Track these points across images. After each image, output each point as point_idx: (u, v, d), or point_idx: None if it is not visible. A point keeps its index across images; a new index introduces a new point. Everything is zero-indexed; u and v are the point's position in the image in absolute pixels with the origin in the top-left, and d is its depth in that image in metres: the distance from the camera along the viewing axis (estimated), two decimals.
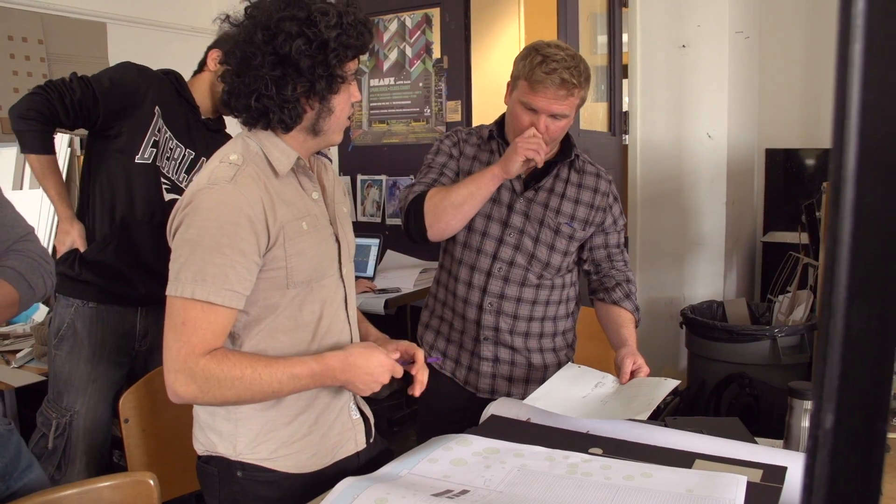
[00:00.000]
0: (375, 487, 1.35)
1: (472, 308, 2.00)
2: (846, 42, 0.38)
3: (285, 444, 1.48)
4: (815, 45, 4.06)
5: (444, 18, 4.01)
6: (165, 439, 1.79)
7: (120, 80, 2.26)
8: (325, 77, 1.39)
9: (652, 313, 4.00)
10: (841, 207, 0.40)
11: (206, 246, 1.31)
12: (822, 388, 0.42)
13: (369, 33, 1.44)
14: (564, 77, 1.83)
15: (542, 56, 1.85)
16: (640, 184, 3.97)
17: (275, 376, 1.34)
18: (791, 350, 3.16)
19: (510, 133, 1.98)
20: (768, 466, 1.45)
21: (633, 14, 3.87)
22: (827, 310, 0.41)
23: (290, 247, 1.41)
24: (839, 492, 0.43)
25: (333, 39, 1.36)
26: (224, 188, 1.34)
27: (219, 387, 1.31)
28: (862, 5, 0.38)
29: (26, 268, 1.53)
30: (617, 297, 2.04)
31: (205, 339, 1.31)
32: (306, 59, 1.35)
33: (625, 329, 1.98)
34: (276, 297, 1.42)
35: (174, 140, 2.33)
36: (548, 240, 1.98)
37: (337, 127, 1.48)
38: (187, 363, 1.30)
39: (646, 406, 1.67)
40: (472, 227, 1.99)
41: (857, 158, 0.40)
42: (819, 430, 0.42)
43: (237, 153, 1.42)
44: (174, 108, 2.34)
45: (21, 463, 1.55)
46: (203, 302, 1.31)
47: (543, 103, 1.86)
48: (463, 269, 2.01)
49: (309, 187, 1.51)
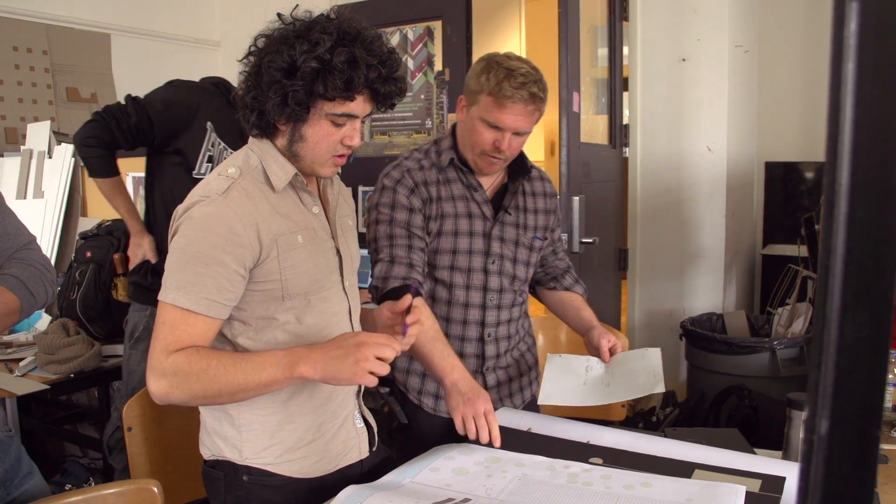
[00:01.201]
0: (378, 496, 1.36)
1: (472, 343, 1.94)
2: (839, 61, 0.40)
3: (290, 449, 1.50)
4: (815, 58, 4.09)
5: (445, 31, 4.04)
6: (169, 447, 1.80)
7: (173, 102, 2.33)
8: (281, 102, 1.37)
9: (651, 325, 4.01)
10: (835, 220, 0.42)
11: (190, 255, 1.34)
12: (816, 395, 0.43)
13: (364, 82, 1.37)
14: (533, 91, 1.73)
15: (506, 70, 1.73)
16: (640, 196, 3.99)
17: (239, 366, 1.31)
18: (790, 362, 3.17)
19: (467, 150, 1.86)
20: (767, 477, 1.46)
21: (634, 27, 3.90)
22: (821, 319, 0.43)
23: (284, 259, 1.42)
24: (834, 496, 0.44)
25: (305, 70, 1.33)
26: (214, 201, 1.36)
27: (186, 380, 1.31)
28: (854, 27, 0.40)
29: (28, 276, 1.55)
30: (568, 283, 2.10)
31: (179, 339, 1.33)
32: (269, 75, 1.36)
33: (584, 311, 2.03)
34: (273, 308, 1.44)
35: (229, 150, 2.37)
36: (524, 257, 1.98)
37: (315, 157, 1.45)
38: (159, 360, 1.32)
39: (654, 381, 1.74)
40: (456, 266, 1.89)
41: (850, 173, 0.41)
42: (814, 436, 0.44)
43: (236, 166, 1.44)
44: (226, 118, 2.37)
45: (21, 469, 1.56)
46: (183, 309, 1.33)
47: (510, 120, 1.75)
48: (455, 310, 1.91)
49: (309, 202, 1.51)
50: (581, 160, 3.27)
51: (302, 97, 1.36)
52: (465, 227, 1.88)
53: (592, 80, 4.16)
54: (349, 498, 1.36)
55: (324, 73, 1.34)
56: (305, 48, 1.33)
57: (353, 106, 1.40)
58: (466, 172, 1.88)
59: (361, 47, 1.36)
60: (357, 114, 1.42)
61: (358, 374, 1.30)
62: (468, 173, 1.88)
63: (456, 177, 1.89)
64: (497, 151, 1.79)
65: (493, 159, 1.82)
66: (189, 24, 4.42)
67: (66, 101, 3.92)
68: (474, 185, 1.89)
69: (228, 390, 1.32)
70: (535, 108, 1.76)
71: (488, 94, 1.75)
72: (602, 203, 3.69)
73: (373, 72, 1.37)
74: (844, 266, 0.42)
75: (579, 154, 3.21)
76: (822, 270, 0.43)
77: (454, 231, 1.87)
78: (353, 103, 1.40)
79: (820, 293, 0.43)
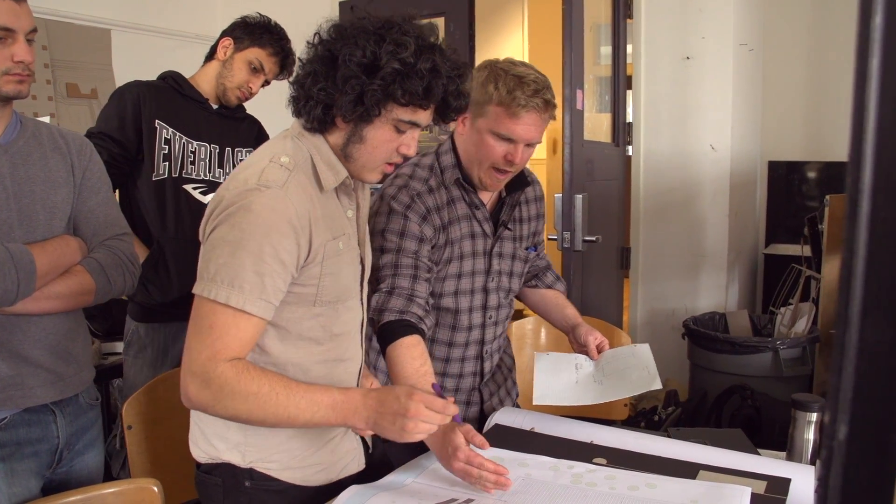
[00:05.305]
0: (381, 496, 1.35)
1: (471, 362, 1.89)
2: (865, 56, 0.39)
3: (296, 457, 1.44)
4: (819, 58, 4.08)
5: (448, 28, 4.02)
6: (168, 446, 1.78)
7: (122, 111, 2.25)
8: (356, 100, 1.30)
9: (654, 324, 4.00)
10: (857, 221, 0.40)
11: (248, 251, 1.25)
12: (836, 400, 0.42)
13: (442, 92, 1.33)
14: (547, 98, 1.65)
15: (515, 77, 1.63)
16: (643, 195, 3.97)
17: (292, 399, 1.25)
18: (793, 362, 3.16)
19: (472, 166, 1.74)
20: (772, 478, 1.45)
21: (638, 25, 3.88)
22: (842, 322, 0.42)
23: (327, 266, 1.36)
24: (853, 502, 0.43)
25: (387, 70, 1.27)
26: (276, 194, 1.27)
27: (232, 398, 1.23)
28: (880, 20, 0.38)
29: (110, 263, 1.61)
30: (550, 280, 2.07)
31: (229, 347, 1.25)
32: (347, 69, 1.28)
33: (568, 309, 2.00)
34: (300, 312, 1.37)
35: (193, 142, 2.31)
36: (519, 270, 1.94)
37: (369, 161, 1.38)
38: (206, 367, 1.23)
39: (649, 378, 1.73)
40: (461, 290, 1.81)
41: (874, 172, 0.40)
42: (833, 442, 0.43)
43: (289, 156, 1.35)
44: (180, 110, 2.32)
45: (80, 442, 1.66)
46: (235, 309, 1.24)
47: (524, 130, 1.65)
48: (459, 334, 1.85)
49: (346, 204, 1.45)
50: (584, 158, 3.25)
51: (379, 96, 1.29)
52: (469, 249, 1.80)
53: (596, 77, 4.15)
54: (352, 498, 1.35)
55: (406, 77, 1.28)
56: (391, 48, 1.27)
57: (422, 115, 1.35)
58: (470, 191, 1.78)
59: (442, 57, 1.31)
60: (422, 123, 1.37)
61: (404, 437, 1.26)
62: (472, 192, 1.79)
63: (459, 195, 1.79)
64: (508, 165, 1.69)
65: (501, 175, 1.73)
66: (190, 20, 4.40)
67: (66, 96, 3.90)
68: (476, 203, 1.80)
69: (274, 420, 1.27)
70: (548, 116, 1.68)
71: (498, 105, 1.64)
72: (605, 201, 3.68)
73: (452, 84, 1.33)
74: (866, 268, 0.41)
75: (582, 152, 3.20)
76: (843, 272, 0.42)
77: (460, 255, 1.79)
78: (423, 112, 1.35)
79: (841, 296, 0.42)
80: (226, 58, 2.32)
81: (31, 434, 1.56)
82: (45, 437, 1.59)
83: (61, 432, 1.61)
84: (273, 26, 2.35)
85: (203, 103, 2.36)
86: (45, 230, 1.54)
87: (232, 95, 2.34)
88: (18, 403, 1.53)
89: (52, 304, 1.51)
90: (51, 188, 1.56)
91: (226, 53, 2.33)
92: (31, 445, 1.56)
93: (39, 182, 1.54)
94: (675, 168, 3.86)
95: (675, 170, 3.86)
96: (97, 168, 1.67)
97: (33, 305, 1.48)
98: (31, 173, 1.53)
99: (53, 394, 1.58)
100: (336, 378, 1.46)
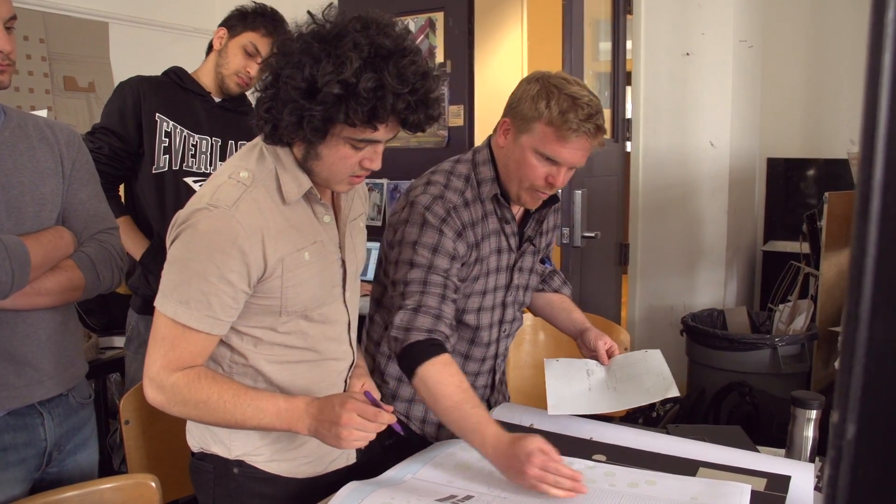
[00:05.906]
0: (380, 492, 1.35)
1: (484, 376, 1.87)
2: (877, 50, 0.38)
3: (280, 450, 1.47)
4: (819, 55, 4.07)
5: (447, 23, 4.00)
6: (166, 441, 1.78)
7: (122, 105, 2.26)
8: (297, 124, 1.26)
9: (652, 321, 4.00)
10: (868, 218, 0.40)
11: (193, 270, 1.28)
12: (845, 399, 0.42)
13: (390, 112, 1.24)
14: (599, 123, 1.56)
15: (569, 98, 1.54)
16: (641, 191, 3.97)
17: (239, 407, 1.31)
18: (791, 359, 3.16)
19: (511, 182, 1.67)
20: (772, 475, 1.45)
21: (638, 21, 3.87)
22: (852, 320, 0.41)
23: (289, 278, 1.36)
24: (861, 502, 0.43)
25: (325, 94, 1.21)
26: (223, 214, 1.27)
27: (184, 405, 1.32)
28: (894, 14, 0.38)
29: (100, 258, 1.58)
30: (556, 284, 2.05)
31: (180, 358, 1.31)
32: (285, 93, 1.25)
33: (575, 313, 1.98)
34: (269, 321, 1.39)
35: (194, 135, 2.31)
36: (534, 283, 1.92)
37: (331, 176, 1.36)
38: (159, 376, 1.31)
39: (665, 384, 1.70)
40: (483, 307, 1.76)
41: (885, 169, 0.40)
42: (842, 441, 0.42)
43: (249, 170, 1.34)
44: (181, 104, 2.31)
45: (71, 443, 1.62)
46: (184, 325, 1.30)
47: (570, 154, 1.57)
48: (477, 349, 1.80)
49: (321, 212, 1.42)
50: None
51: (318, 124, 1.25)
52: (494, 265, 1.75)
53: (595, 73, 4.14)
54: (350, 494, 1.35)
55: (346, 100, 1.21)
56: (329, 69, 1.20)
57: (378, 132, 1.29)
58: (504, 206, 1.71)
59: (393, 70, 1.22)
60: (379, 139, 1.32)
61: (341, 445, 1.30)
62: (505, 206, 1.71)
63: (492, 209, 1.71)
64: (549, 187, 1.62)
65: (541, 194, 1.66)
66: (188, 14, 4.39)
67: (63, 90, 3.89)
68: (508, 218, 1.73)
69: (225, 424, 1.35)
70: (597, 143, 1.59)
71: (548, 125, 1.55)
72: (604, 197, 3.68)
73: (401, 102, 1.24)
74: (876, 266, 0.40)
75: None
76: (853, 270, 0.41)
77: (486, 272, 1.73)
78: (379, 130, 1.29)
79: (851, 294, 0.41)
80: (221, 47, 2.32)
81: (17, 439, 1.50)
82: (32, 441, 1.53)
83: (49, 434, 1.55)
84: (268, 11, 2.33)
85: (205, 96, 2.35)
86: (35, 222, 1.50)
87: (231, 83, 2.33)
88: (4, 405, 1.47)
89: (41, 299, 1.48)
90: (39, 179, 1.52)
91: (221, 43, 2.32)
92: (18, 452, 1.50)
93: (28, 173, 1.50)
94: (674, 164, 3.85)
95: (674, 166, 3.85)
96: (86, 160, 1.63)
97: (23, 301, 1.44)
98: (18, 164, 1.49)
99: (41, 392, 1.52)
100: (320, 377, 1.49)
